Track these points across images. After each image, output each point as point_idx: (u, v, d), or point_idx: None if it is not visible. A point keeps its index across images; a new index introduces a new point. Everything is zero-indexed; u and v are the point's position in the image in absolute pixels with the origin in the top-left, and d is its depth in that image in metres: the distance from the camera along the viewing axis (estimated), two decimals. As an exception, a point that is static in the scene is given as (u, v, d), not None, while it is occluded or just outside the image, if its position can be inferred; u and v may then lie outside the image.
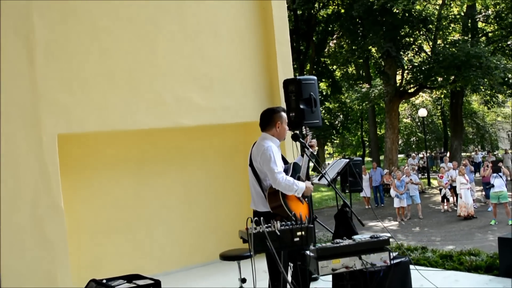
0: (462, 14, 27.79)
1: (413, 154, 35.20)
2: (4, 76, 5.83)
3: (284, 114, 4.91)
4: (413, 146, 44.49)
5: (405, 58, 25.44)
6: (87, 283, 4.42)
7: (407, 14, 22.90)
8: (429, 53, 26.02)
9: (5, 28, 5.87)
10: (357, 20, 24.36)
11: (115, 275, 4.56)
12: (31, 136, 5.96)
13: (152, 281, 4.21)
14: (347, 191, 10.21)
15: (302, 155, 4.99)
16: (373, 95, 25.98)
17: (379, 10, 22.40)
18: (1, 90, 5.78)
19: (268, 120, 4.85)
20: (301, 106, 7.09)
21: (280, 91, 7.56)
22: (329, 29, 26.97)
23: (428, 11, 25.86)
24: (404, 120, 42.61)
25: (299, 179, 4.80)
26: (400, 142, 46.97)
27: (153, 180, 7.22)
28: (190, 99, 7.07)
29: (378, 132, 33.65)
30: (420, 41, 26.69)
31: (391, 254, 3.59)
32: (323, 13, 27.46)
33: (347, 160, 6.49)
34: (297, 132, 5.02)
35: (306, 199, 4.76)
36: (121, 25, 6.60)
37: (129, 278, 4.39)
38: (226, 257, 5.24)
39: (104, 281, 4.33)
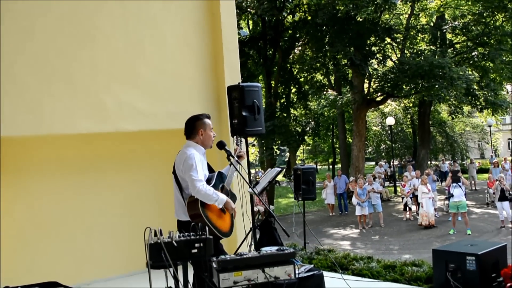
0: (432, 24, 28.18)
1: (380, 162, 35.49)
2: None
3: (207, 121, 4.87)
4: (383, 154, 44.78)
5: (370, 67, 25.68)
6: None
7: (370, 23, 23.10)
8: (396, 62, 26.33)
9: None
10: (323, 27, 24.51)
11: (48, 280, 4.49)
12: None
13: (65, 290, 4.15)
14: (300, 199, 10.29)
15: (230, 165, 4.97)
16: (340, 102, 26.11)
17: (343, 18, 22.58)
18: None
19: (191, 128, 4.81)
20: (244, 113, 7.07)
21: (226, 98, 7.53)
22: (297, 35, 27.03)
23: (395, 21, 26.19)
24: (374, 128, 42.88)
25: (223, 188, 4.78)
26: (369, 150, 47.44)
27: (92, 185, 7.09)
28: (132, 103, 6.97)
29: (348, 140, 33.84)
30: (385, 51, 26.97)
31: (296, 267, 3.56)
32: (290, 19, 27.54)
33: (279, 169, 6.47)
34: (223, 140, 4.98)
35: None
36: (59, 26, 6.45)
37: (46, 286, 4.31)
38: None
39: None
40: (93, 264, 6.94)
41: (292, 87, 29.70)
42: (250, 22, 29.42)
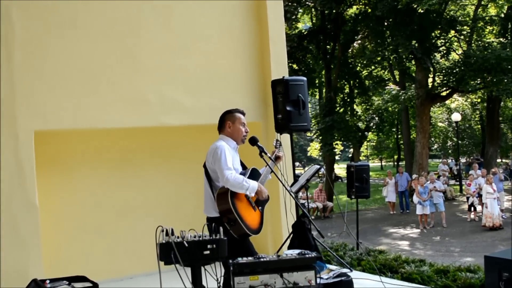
0: (502, 15, 26.83)
1: (444, 160, 34.31)
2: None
3: (238, 115, 4.76)
4: (449, 151, 43.33)
5: (433, 61, 24.75)
6: (29, 282, 4.35)
7: (434, 15, 22.19)
8: (461, 56, 25.25)
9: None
10: (383, 20, 23.80)
11: (83, 274, 4.48)
12: (6, 132, 5.89)
13: (90, 285, 4.10)
14: (353, 196, 9.99)
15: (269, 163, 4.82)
16: (403, 97, 25.34)
17: (404, 10, 21.80)
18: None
19: (220, 121, 4.82)
20: (288, 108, 6.88)
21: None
22: (357, 29, 26.38)
23: (461, 12, 25.10)
24: (440, 124, 41.52)
25: (256, 186, 4.61)
26: (435, 146, 46.02)
27: (131, 179, 7.05)
28: (175, 98, 6.90)
29: (412, 136, 32.90)
30: (449, 43, 25.91)
31: (317, 273, 3.30)
32: (350, 12, 26.91)
33: (318, 166, 6.21)
34: (255, 136, 4.80)
35: (260, 208, 4.54)
36: (102, 23, 6.46)
37: (72, 280, 4.29)
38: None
39: (48, 281, 4.23)
40: (129, 259, 6.87)
41: (352, 82, 29.11)
42: (307, 16, 28.99)
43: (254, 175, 4.67)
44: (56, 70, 6.20)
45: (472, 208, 19.14)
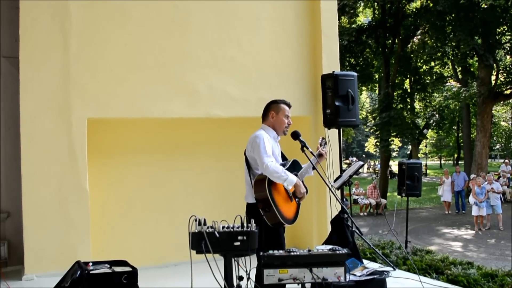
0: None
1: (506, 161, 33.08)
2: (39, 60, 6.06)
3: (283, 106, 4.75)
4: (512, 151, 41.90)
5: (498, 57, 23.84)
6: (72, 264, 4.51)
7: (499, 10, 21.32)
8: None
9: (42, 13, 6.10)
10: (445, 15, 23.08)
11: (127, 259, 4.61)
12: (61, 119, 6.16)
13: (129, 269, 4.22)
14: (403, 194, 9.81)
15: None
16: (464, 95, 24.59)
17: (467, 5, 21.07)
18: (35, 73, 6.03)
19: (265, 110, 4.82)
20: (337, 103, 6.83)
21: (321, 87, 7.30)
22: (418, 23, 25.69)
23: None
24: (503, 123, 40.09)
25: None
26: (497, 146, 44.51)
27: (181, 169, 7.19)
28: (224, 89, 6.97)
29: (472, 135, 31.93)
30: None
31: (347, 269, 3.28)
32: (412, 7, 26.27)
33: (361, 163, 6.12)
34: (297, 130, 4.78)
35: (297, 200, 4.52)
36: (155, 13, 6.62)
37: (114, 264, 4.42)
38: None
39: (91, 263, 4.38)
40: (172, 247, 6.96)
41: (411, 78, 28.45)
42: (369, 10, 28.49)
43: (295, 166, 4.66)
44: (109, 61, 6.42)
45: (533, 212, 18.43)
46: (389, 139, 25.91)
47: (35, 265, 5.96)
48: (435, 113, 37.18)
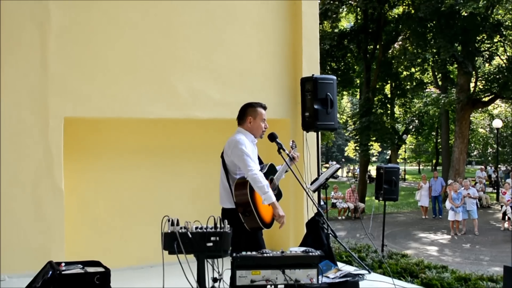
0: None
1: (482, 167, 33.58)
2: (17, 58, 5.99)
3: (260, 110, 4.75)
4: (489, 158, 42.37)
5: (476, 65, 24.15)
6: (44, 264, 4.46)
7: (479, 18, 21.62)
8: (506, 61, 24.58)
9: (21, 14, 6.04)
10: (426, 22, 23.34)
11: (102, 260, 4.56)
12: (37, 117, 6.08)
13: (102, 270, 4.18)
14: (380, 198, 9.87)
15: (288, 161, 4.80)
16: (443, 101, 24.87)
17: (448, 12, 21.32)
18: (14, 71, 5.97)
19: (241, 114, 4.82)
20: (316, 107, 6.86)
21: (300, 90, 7.31)
22: (399, 30, 25.95)
23: (508, 16, 24.39)
24: (481, 130, 40.62)
25: (271, 181, 4.61)
26: (475, 153, 45.06)
27: (159, 170, 7.13)
28: (204, 91, 6.94)
29: (450, 141, 32.30)
30: (495, 48, 25.24)
31: (320, 271, 3.29)
32: (394, 13, 26.50)
33: (338, 166, 6.16)
34: (274, 132, 4.79)
35: None
36: (135, 14, 6.58)
37: (87, 264, 4.38)
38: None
39: (63, 264, 4.33)
40: (148, 248, 6.89)
41: (391, 83, 28.69)
42: (352, 15, 28.66)
43: (271, 170, 4.67)
44: (87, 60, 6.35)
45: (506, 217, 18.66)
46: (369, 144, 26.07)
47: (7, 265, 5.86)
48: (414, 118, 37.57)
